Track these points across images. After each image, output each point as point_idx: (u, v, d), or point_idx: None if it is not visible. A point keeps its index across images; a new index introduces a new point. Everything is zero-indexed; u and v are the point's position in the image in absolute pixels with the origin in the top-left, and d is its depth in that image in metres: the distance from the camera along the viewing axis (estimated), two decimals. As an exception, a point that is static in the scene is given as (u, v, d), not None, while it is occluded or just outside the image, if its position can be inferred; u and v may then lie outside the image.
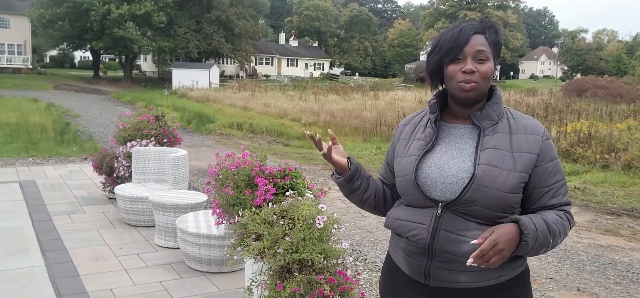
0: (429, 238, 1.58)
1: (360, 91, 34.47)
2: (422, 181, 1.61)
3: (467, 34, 1.56)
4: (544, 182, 1.58)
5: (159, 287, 4.03)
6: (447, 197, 1.56)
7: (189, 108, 22.27)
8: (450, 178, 1.56)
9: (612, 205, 7.78)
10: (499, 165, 1.53)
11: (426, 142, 1.65)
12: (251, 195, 3.51)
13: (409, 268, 1.67)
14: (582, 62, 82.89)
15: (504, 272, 1.58)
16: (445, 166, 1.58)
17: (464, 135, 1.62)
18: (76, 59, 66.03)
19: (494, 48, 1.60)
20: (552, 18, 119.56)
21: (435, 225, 1.58)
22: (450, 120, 1.67)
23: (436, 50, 1.62)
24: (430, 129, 1.67)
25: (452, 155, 1.60)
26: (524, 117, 1.64)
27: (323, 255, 2.90)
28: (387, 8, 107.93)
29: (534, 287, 4.54)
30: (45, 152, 10.30)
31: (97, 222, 5.65)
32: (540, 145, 1.58)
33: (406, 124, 1.80)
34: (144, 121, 6.65)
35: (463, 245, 1.53)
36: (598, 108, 21.93)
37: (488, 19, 1.63)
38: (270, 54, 64.38)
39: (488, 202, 1.52)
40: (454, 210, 1.56)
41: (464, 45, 1.56)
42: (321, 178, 9.10)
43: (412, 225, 1.63)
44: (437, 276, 1.59)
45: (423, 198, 1.60)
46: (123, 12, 39.08)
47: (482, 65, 1.56)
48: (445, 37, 1.60)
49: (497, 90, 1.64)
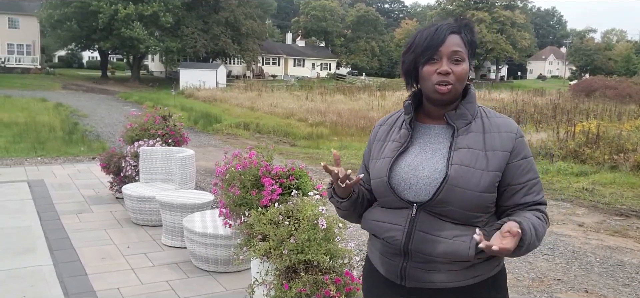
0: (404, 239, 1.57)
1: (367, 91, 34.43)
2: (396, 183, 1.60)
3: (442, 34, 1.54)
4: (517, 180, 1.56)
5: (165, 286, 4.05)
6: (421, 198, 1.56)
7: (196, 108, 22.34)
8: (423, 179, 1.55)
9: (621, 206, 7.72)
10: (472, 165, 1.52)
11: (400, 143, 1.65)
12: (257, 195, 3.51)
13: (385, 269, 1.66)
14: (591, 62, 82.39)
15: (479, 272, 1.58)
16: (419, 167, 1.58)
17: (439, 135, 1.62)
18: (84, 59, 66.43)
19: (469, 48, 1.58)
20: (560, 18, 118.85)
21: (410, 226, 1.57)
22: (425, 120, 1.67)
23: (412, 49, 1.60)
24: (405, 130, 1.66)
25: (426, 155, 1.59)
26: (498, 116, 1.63)
27: (329, 255, 2.89)
28: (394, 8, 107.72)
29: (542, 289, 4.51)
30: (54, 151, 10.37)
31: (104, 222, 5.67)
32: (513, 142, 1.56)
33: (381, 125, 1.79)
34: (151, 121, 6.68)
35: (438, 245, 1.53)
36: (607, 108, 21.80)
37: (463, 18, 1.61)
38: (277, 54, 64.44)
39: (462, 202, 1.51)
40: (428, 211, 1.55)
41: (440, 45, 1.54)
42: (327, 177, 9.10)
43: (388, 226, 1.62)
44: (412, 276, 1.59)
45: (397, 199, 1.59)
46: (130, 12, 39.27)
47: (457, 66, 1.55)
48: (420, 36, 1.58)
49: (471, 89, 1.63)
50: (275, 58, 64.30)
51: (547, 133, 13.54)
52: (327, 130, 17.16)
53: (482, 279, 1.59)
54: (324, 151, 13.32)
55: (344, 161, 11.29)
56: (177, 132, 6.80)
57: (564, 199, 8.20)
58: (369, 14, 77.50)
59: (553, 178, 9.61)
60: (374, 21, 78.18)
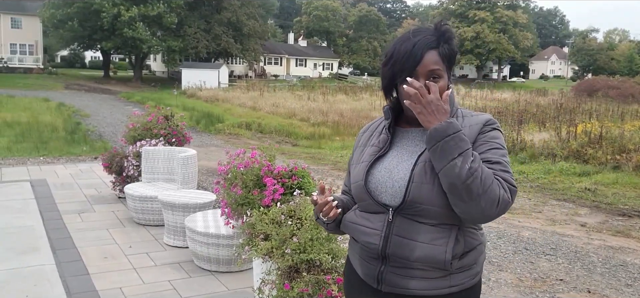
0: (382, 243, 1.57)
1: (369, 91, 34.42)
2: (373, 186, 1.60)
3: (420, 52, 1.52)
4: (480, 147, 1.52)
5: (167, 286, 4.05)
6: (396, 202, 1.55)
7: (198, 108, 22.36)
8: (398, 182, 1.56)
9: (624, 206, 7.71)
10: None
11: (379, 148, 1.65)
12: (260, 195, 3.52)
13: (363, 272, 1.67)
14: (593, 62, 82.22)
15: (455, 282, 1.57)
16: (394, 170, 1.58)
17: (416, 139, 1.62)
18: (87, 59, 66.61)
19: (447, 62, 1.57)
20: (563, 17, 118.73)
21: (387, 230, 1.57)
22: (404, 125, 1.67)
23: (389, 64, 1.58)
24: (384, 135, 1.67)
25: (402, 158, 1.60)
26: (474, 114, 1.62)
27: (331, 255, 2.89)
28: (396, 8, 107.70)
29: (544, 289, 4.51)
30: (56, 151, 10.39)
31: (106, 221, 5.68)
32: (479, 128, 1.55)
33: (365, 131, 1.79)
34: (153, 121, 6.68)
35: (415, 250, 1.52)
36: (609, 108, 21.76)
37: (442, 25, 1.58)
38: (279, 54, 64.48)
39: (431, 199, 1.49)
40: (404, 215, 1.55)
41: (417, 65, 1.53)
42: (329, 178, 9.10)
43: (365, 230, 1.62)
44: (389, 281, 1.59)
45: (374, 203, 1.60)
46: (133, 14, 39.33)
47: (435, 83, 1.52)
48: (398, 51, 1.56)
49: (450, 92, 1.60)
50: (277, 58, 64.34)
51: (549, 133, 13.52)
52: (329, 130, 17.17)
53: (458, 290, 1.57)
54: (325, 151, 13.32)
55: (345, 161, 11.29)
56: (179, 131, 6.81)
57: (567, 199, 8.19)
58: (371, 14, 77.50)
59: (555, 178, 9.60)
60: (376, 21, 78.16)
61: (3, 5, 48.49)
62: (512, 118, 16.48)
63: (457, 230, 1.54)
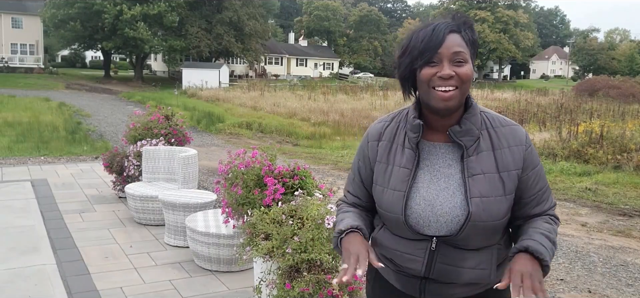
0: (424, 269, 1.51)
1: (370, 91, 34.42)
2: (414, 221, 1.48)
3: (441, 34, 1.38)
4: (528, 192, 1.51)
5: (168, 285, 4.05)
6: (441, 233, 1.47)
7: (199, 108, 22.36)
8: (444, 216, 1.45)
9: (624, 206, 7.70)
10: (491, 194, 1.44)
11: (409, 170, 1.49)
12: (260, 195, 3.52)
13: (402, 286, 1.61)
14: (594, 61, 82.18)
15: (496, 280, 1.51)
16: (436, 201, 1.46)
17: (446, 156, 1.49)
18: (87, 59, 66.62)
19: (471, 47, 1.44)
20: (564, 17, 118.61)
21: (430, 258, 1.50)
22: (428, 136, 1.52)
23: (407, 52, 1.43)
24: (410, 150, 1.51)
25: (439, 185, 1.47)
26: (504, 124, 1.51)
27: (332, 255, 2.89)
28: (397, 8, 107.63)
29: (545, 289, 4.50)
30: (57, 151, 10.40)
31: (107, 221, 5.69)
32: (523, 155, 1.48)
33: (379, 140, 1.59)
34: (154, 120, 6.69)
35: (461, 275, 1.50)
36: (610, 108, 21.74)
37: (461, 14, 1.46)
38: (279, 54, 64.48)
39: (485, 232, 1.48)
40: (450, 243, 1.48)
41: (439, 46, 1.38)
42: (330, 177, 9.10)
43: (405, 257, 1.53)
44: (433, 291, 1.56)
45: (414, 234, 1.50)
46: (135, 13, 39.35)
47: (460, 67, 1.39)
48: (416, 37, 1.42)
49: (471, 99, 1.50)
50: (278, 58, 64.35)
51: (550, 133, 13.51)
52: (330, 129, 17.16)
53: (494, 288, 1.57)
54: (326, 150, 13.32)
55: (345, 161, 11.28)
56: (179, 131, 6.81)
57: (567, 199, 8.19)
58: (371, 14, 77.47)
59: (556, 178, 9.59)
60: (377, 21, 78.14)
61: (4, 5, 48.52)
62: (513, 118, 16.46)
63: (496, 249, 1.55)
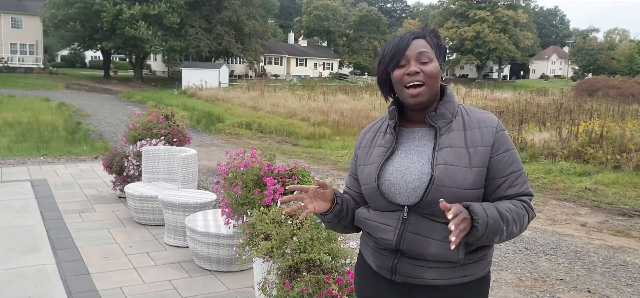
0: (396, 239, 1.62)
1: (369, 91, 34.42)
2: (386, 188, 1.63)
3: (407, 40, 1.62)
4: (500, 173, 1.59)
5: (168, 285, 4.05)
6: (411, 201, 1.59)
7: (199, 108, 22.36)
8: (412, 183, 1.59)
9: (624, 206, 7.71)
10: (456, 163, 1.55)
11: (386, 148, 1.68)
12: (260, 195, 3.52)
13: (377, 264, 1.71)
14: (594, 61, 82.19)
15: (468, 272, 1.62)
16: (407, 171, 1.61)
17: (423, 138, 1.66)
18: (87, 59, 66.59)
19: (436, 49, 1.63)
20: (563, 17, 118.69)
21: (402, 227, 1.61)
22: (408, 125, 1.71)
23: (382, 61, 1.67)
24: (390, 135, 1.70)
25: (412, 159, 1.63)
26: (478, 112, 1.67)
27: (331, 255, 2.90)
28: (397, 8, 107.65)
29: (544, 289, 4.51)
30: (57, 151, 10.40)
31: (107, 221, 5.69)
32: (493, 136, 1.60)
33: (366, 133, 1.82)
34: (153, 120, 6.69)
35: (429, 246, 1.57)
36: (610, 108, 21.75)
37: (428, 26, 1.68)
38: (279, 54, 64.46)
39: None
40: (419, 213, 1.59)
41: (405, 49, 1.61)
42: (330, 178, 9.10)
43: (380, 227, 1.66)
44: (403, 272, 1.63)
45: (388, 203, 1.63)
46: (135, 12, 39.33)
47: (426, 65, 1.59)
48: (387, 47, 1.66)
49: (447, 89, 1.68)
50: (278, 58, 64.32)
51: (550, 133, 13.51)
52: (330, 129, 17.17)
53: (469, 280, 1.63)
54: (326, 150, 13.32)
55: (345, 161, 11.29)
56: (179, 131, 6.81)
57: (567, 199, 8.19)
58: (371, 14, 77.43)
59: (556, 178, 9.60)
60: (377, 21, 78.10)
61: (4, 5, 48.50)
62: (512, 118, 16.48)
63: None
